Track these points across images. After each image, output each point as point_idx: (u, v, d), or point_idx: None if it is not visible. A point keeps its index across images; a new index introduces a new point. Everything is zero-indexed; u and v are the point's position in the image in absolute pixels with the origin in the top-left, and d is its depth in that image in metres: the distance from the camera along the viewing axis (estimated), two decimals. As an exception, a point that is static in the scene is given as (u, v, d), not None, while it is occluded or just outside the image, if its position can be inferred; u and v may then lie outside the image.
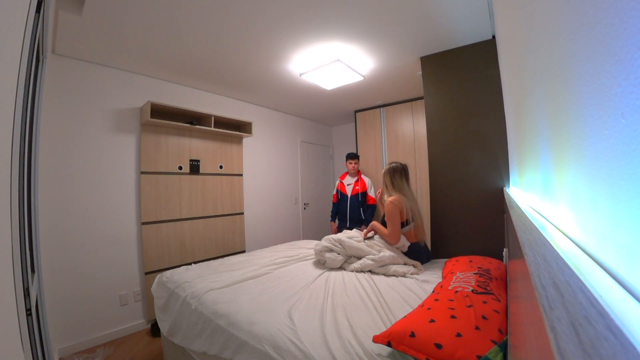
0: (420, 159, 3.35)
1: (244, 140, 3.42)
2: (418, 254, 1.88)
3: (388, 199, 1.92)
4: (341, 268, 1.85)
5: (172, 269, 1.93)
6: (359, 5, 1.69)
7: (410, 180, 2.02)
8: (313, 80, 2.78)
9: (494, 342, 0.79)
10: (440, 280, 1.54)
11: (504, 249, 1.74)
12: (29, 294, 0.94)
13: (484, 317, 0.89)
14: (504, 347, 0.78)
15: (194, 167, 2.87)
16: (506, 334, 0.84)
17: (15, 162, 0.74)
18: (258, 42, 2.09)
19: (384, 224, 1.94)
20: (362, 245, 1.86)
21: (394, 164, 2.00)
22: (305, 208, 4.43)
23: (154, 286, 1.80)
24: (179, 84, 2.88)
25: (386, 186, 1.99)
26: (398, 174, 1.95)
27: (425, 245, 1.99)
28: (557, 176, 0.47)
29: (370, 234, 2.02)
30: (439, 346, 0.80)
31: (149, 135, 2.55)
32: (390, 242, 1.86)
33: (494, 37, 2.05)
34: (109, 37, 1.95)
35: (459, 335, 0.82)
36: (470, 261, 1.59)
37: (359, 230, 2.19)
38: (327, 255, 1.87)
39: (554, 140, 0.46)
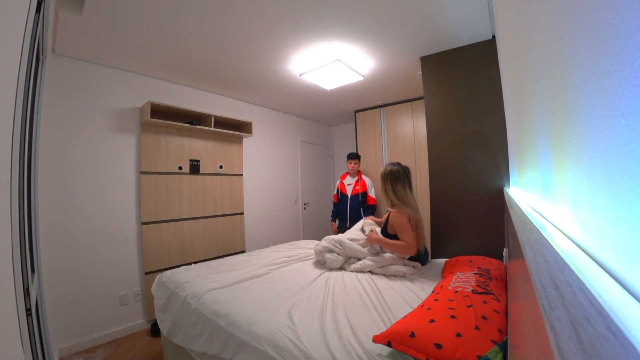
0: (420, 159, 3.35)
1: (244, 140, 3.42)
2: (418, 258, 1.86)
3: (392, 209, 1.77)
4: (341, 268, 1.85)
5: (172, 269, 1.93)
6: (359, 5, 1.69)
7: (412, 182, 1.85)
8: (313, 80, 2.78)
9: (494, 342, 0.79)
10: (440, 280, 1.54)
11: (504, 249, 1.74)
12: (29, 294, 0.94)
13: (483, 317, 0.89)
14: (503, 347, 0.78)
15: (194, 167, 2.87)
16: (506, 334, 0.84)
17: (15, 162, 0.74)
18: (258, 42, 2.09)
19: (385, 234, 1.80)
20: (362, 247, 1.85)
21: (394, 168, 1.80)
22: (305, 208, 4.43)
23: (154, 286, 1.80)
24: (179, 84, 2.88)
25: (386, 192, 1.80)
26: (401, 181, 1.76)
27: (425, 249, 1.93)
28: (557, 176, 0.47)
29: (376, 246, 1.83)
30: (438, 346, 0.80)
31: (149, 135, 2.55)
32: (406, 254, 1.71)
33: (494, 37, 2.05)
34: (109, 37, 1.95)
35: (458, 335, 0.82)
36: (470, 261, 1.59)
37: (359, 231, 2.18)
38: (327, 255, 1.87)
39: (554, 140, 0.46)
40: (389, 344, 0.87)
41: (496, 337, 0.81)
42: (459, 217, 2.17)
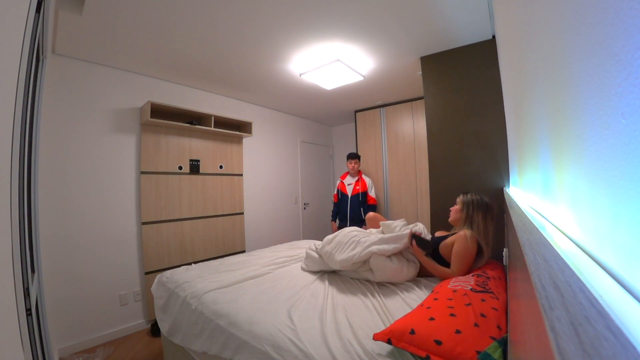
0: (420, 159, 3.34)
1: (244, 140, 3.42)
2: None
3: (462, 231, 1.57)
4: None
5: (172, 269, 1.93)
6: (359, 5, 1.69)
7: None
8: (313, 80, 2.77)
9: (493, 339, 0.80)
10: (439, 280, 1.54)
11: (504, 249, 1.74)
12: (29, 294, 0.94)
13: (482, 315, 0.90)
14: (502, 343, 0.79)
15: (194, 167, 2.87)
16: (505, 331, 0.85)
17: (15, 162, 0.74)
18: (258, 42, 2.09)
19: (436, 252, 1.62)
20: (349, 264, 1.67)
21: (487, 201, 1.63)
22: (305, 208, 4.43)
23: (154, 286, 1.80)
24: (179, 84, 2.88)
25: (468, 218, 1.61)
26: (491, 214, 1.62)
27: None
28: (557, 176, 0.47)
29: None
30: (438, 342, 0.81)
31: (149, 135, 2.55)
32: (441, 278, 1.53)
33: (494, 37, 2.05)
34: (109, 37, 1.95)
35: (458, 332, 0.83)
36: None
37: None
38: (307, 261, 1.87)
39: (554, 140, 0.46)
40: (389, 342, 0.88)
41: (495, 334, 0.82)
42: (459, 217, 2.16)
